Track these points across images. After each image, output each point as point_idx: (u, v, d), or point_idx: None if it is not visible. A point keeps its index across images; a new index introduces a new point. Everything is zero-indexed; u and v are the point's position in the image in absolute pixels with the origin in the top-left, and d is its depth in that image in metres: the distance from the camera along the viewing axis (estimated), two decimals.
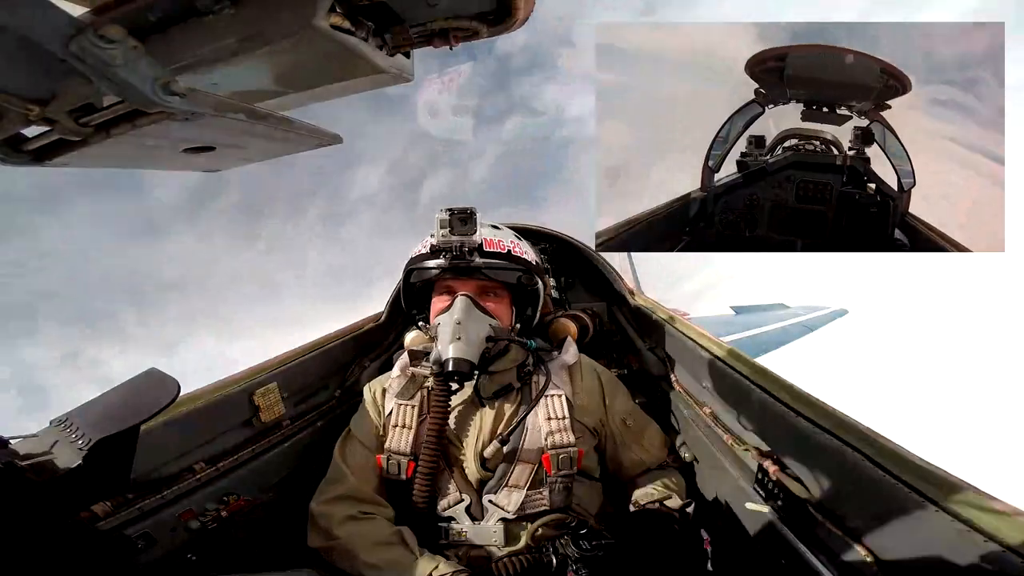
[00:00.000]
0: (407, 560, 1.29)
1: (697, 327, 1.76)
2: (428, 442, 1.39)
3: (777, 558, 1.13)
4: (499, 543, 1.39)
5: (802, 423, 1.06)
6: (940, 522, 0.74)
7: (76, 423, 0.97)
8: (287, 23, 0.64)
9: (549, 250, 2.52)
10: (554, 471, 1.41)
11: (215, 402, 1.46)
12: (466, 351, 1.38)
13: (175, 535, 1.28)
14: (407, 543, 1.33)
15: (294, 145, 0.92)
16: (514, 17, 0.74)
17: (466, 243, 1.47)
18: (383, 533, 1.36)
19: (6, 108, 0.61)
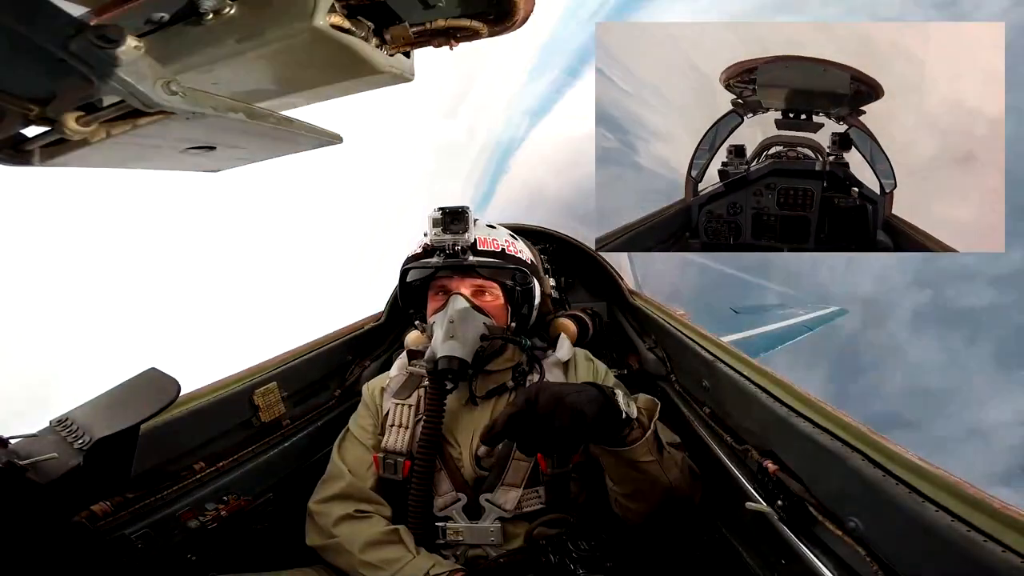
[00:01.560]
0: (404, 558, 1.28)
1: (697, 327, 1.76)
2: (423, 442, 1.39)
3: (777, 558, 1.13)
4: (497, 542, 1.39)
5: (802, 423, 1.06)
6: (940, 522, 0.73)
7: (76, 423, 0.97)
8: (287, 23, 0.64)
9: (549, 250, 2.52)
10: (549, 469, 1.41)
11: (215, 402, 1.46)
12: (459, 349, 1.37)
13: (175, 535, 1.28)
14: (404, 541, 1.33)
15: (294, 145, 0.93)
16: (514, 17, 0.74)
17: (459, 242, 1.47)
18: (379, 531, 1.35)
19: (6, 108, 0.61)
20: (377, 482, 1.49)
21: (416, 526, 1.39)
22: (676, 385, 1.86)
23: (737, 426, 1.38)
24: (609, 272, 2.51)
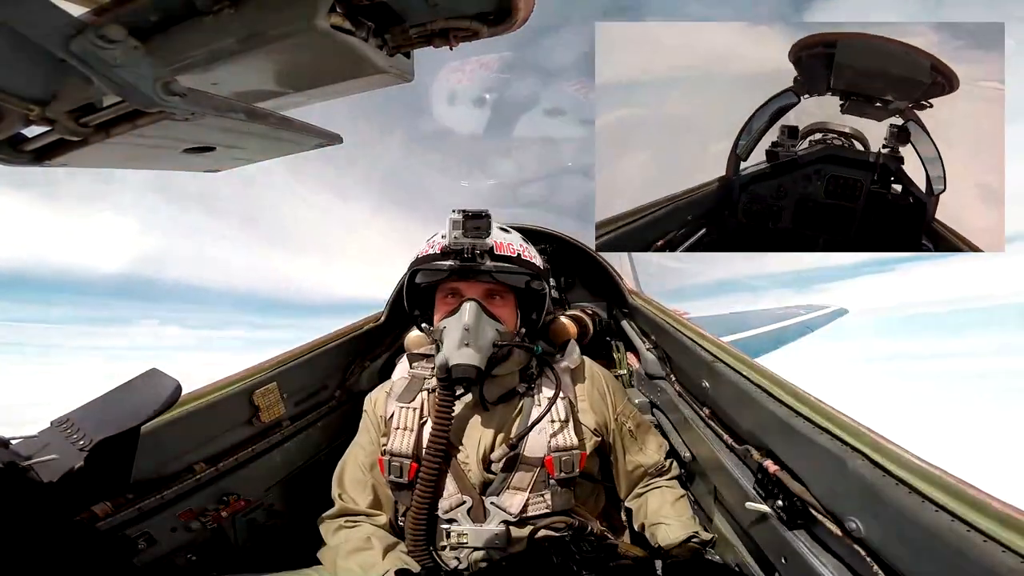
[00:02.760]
0: (371, 562, 1.35)
1: (697, 327, 1.76)
2: (431, 447, 1.39)
3: (777, 558, 1.13)
4: (501, 545, 1.39)
5: (802, 423, 1.06)
6: (940, 522, 0.74)
7: (77, 423, 0.97)
8: (287, 23, 0.64)
9: (549, 250, 2.52)
10: (557, 473, 1.41)
11: (215, 402, 1.45)
12: (475, 357, 1.36)
13: (175, 535, 1.28)
14: (375, 547, 1.38)
15: (294, 145, 0.93)
16: (514, 17, 0.74)
17: (478, 246, 1.43)
18: (360, 538, 1.40)
19: (6, 108, 0.61)
20: (374, 496, 1.53)
21: (421, 528, 1.39)
22: (676, 385, 1.86)
23: (737, 426, 1.38)
24: (609, 272, 2.51)
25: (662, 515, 1.52)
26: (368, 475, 1.54)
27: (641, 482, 1.65)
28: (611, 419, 1.61)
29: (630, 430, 1.64)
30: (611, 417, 1.61)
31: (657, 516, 1.53)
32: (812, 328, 11.67)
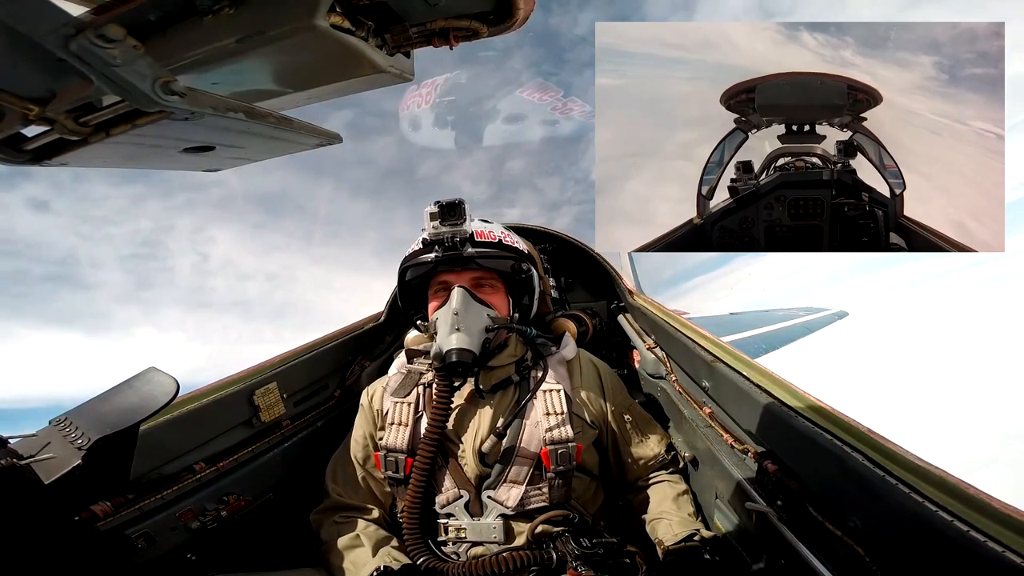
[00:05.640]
0: (362, 559, 1.37)
1: (697, 327, 1.76)
2: (426, 439, 1.40)
3: (777, 558, 1.13)
4: (499, 539, 1.39)
5: (802, 423, 1.06)
6: (940, 522, 0.73)
7: (75, 423, 0.97)
8: (287, 23, 0.64)
9: (549, 250, 2.52)
10: (553, 466, 1.41)
11: (215, 402, 1.46)
12: (467, 341, 1.38)
13: (175, 535, 1.28)
14: (364, 544, 1.40)
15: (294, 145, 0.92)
16: (514, 17, 0.74)
17: (457, 233, 1.47)
18: (351, 534, 1.43)
19: (6, 108, 0.61)
20: (368, 491, 1.55)
21: (419, 523, 1.39)
22: (676, 385, 1.86)
23: (737, 426, 1.38)
24: (609, 272, 2.51)
25: (663, 510, 1.51)
26: (361, 468, 1.55)
27: (643, 475, 1.64)
28: (609, 411, 1.61)
29: (630, 422, 1.63)
30: (609, 409, 1.61)
31: (658, 511, 1.52)
32: (812, 329, 11.69)
